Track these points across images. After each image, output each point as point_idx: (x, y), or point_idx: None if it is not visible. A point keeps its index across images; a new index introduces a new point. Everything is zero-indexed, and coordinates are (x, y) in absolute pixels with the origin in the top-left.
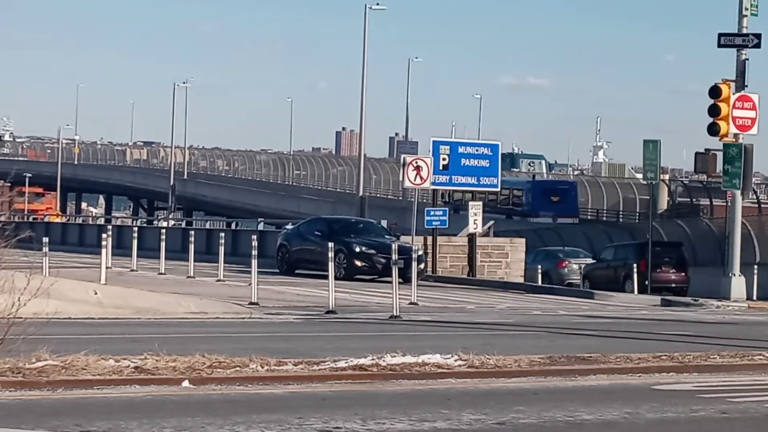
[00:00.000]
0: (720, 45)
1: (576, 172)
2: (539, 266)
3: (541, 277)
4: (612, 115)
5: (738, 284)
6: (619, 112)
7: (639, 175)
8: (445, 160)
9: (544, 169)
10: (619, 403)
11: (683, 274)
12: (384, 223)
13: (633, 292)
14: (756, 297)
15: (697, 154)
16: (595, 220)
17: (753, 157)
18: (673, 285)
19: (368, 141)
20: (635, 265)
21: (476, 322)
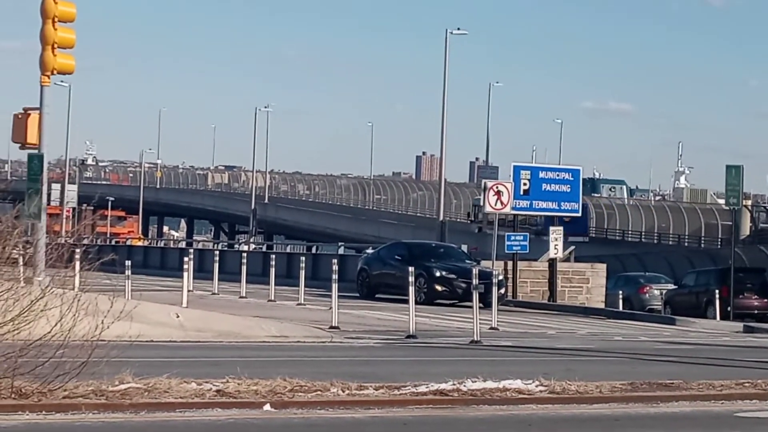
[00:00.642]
0: None
1: (657, 198)
2: (620, 292)
3: (622, 302)
4: (694, 140)
5: None
6: (701, 138)
7: (721, 201)
8: (525, 184)
9: (625, 194)
10: (701, 430)
11: (766, 300)
12: (464, 248)
13: (715, 318)
14: None
15: None
16: (676, 246)
17: None
18: (756, 311)
19: (449, 165)
20: (717, 291)
21: (557, 347)
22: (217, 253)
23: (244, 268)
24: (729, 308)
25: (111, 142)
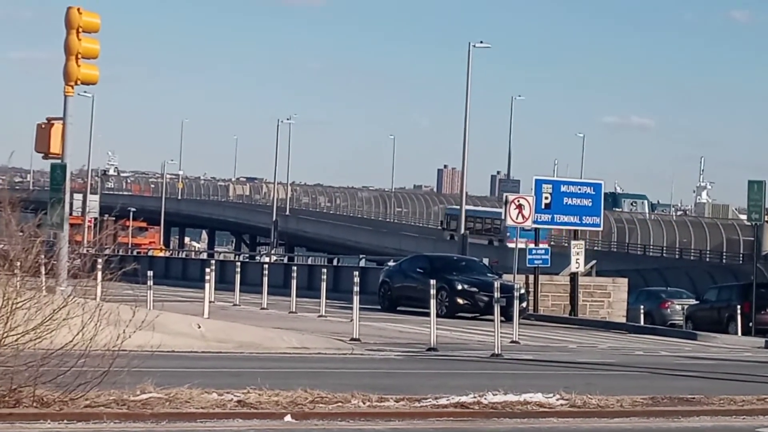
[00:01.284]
0: None
1: (679, 213)
2: (642, 306)
3: (643, 317)
4: (716, 155)
5: None
6: (723, 153)
7: (743, 216)
8: (547, 198)
9: (647, 209)
10: None
11: None
12: (485, 261)
13: (737, 333)
14: None
15: None
16: (698, 261)
17: None
18: None
19: (470, 179)
20: (739, 307)
21: (578, 361)
22: (239, 264)
23: (266, 280)
24: (750, 324)
25: (133, 152)
